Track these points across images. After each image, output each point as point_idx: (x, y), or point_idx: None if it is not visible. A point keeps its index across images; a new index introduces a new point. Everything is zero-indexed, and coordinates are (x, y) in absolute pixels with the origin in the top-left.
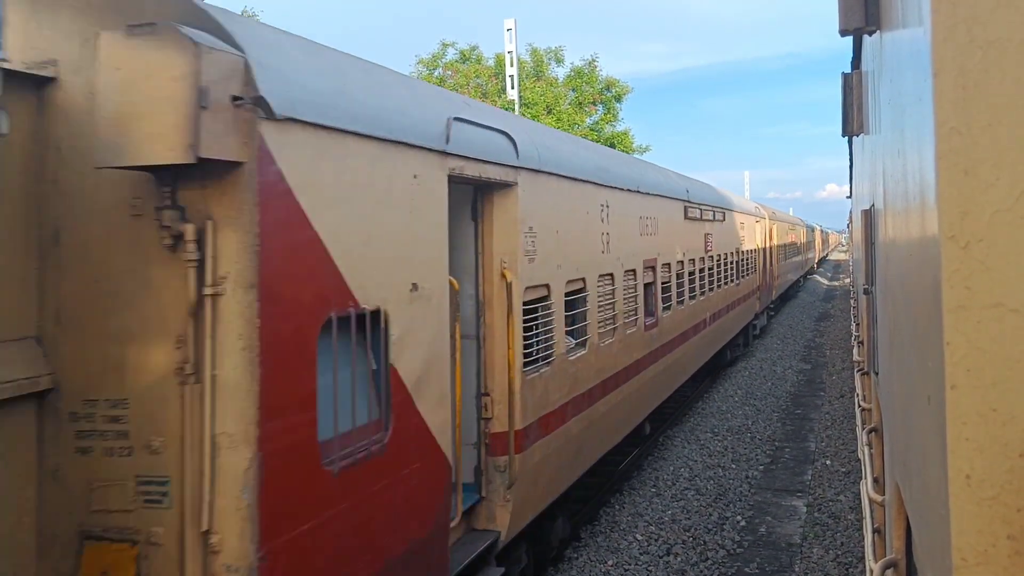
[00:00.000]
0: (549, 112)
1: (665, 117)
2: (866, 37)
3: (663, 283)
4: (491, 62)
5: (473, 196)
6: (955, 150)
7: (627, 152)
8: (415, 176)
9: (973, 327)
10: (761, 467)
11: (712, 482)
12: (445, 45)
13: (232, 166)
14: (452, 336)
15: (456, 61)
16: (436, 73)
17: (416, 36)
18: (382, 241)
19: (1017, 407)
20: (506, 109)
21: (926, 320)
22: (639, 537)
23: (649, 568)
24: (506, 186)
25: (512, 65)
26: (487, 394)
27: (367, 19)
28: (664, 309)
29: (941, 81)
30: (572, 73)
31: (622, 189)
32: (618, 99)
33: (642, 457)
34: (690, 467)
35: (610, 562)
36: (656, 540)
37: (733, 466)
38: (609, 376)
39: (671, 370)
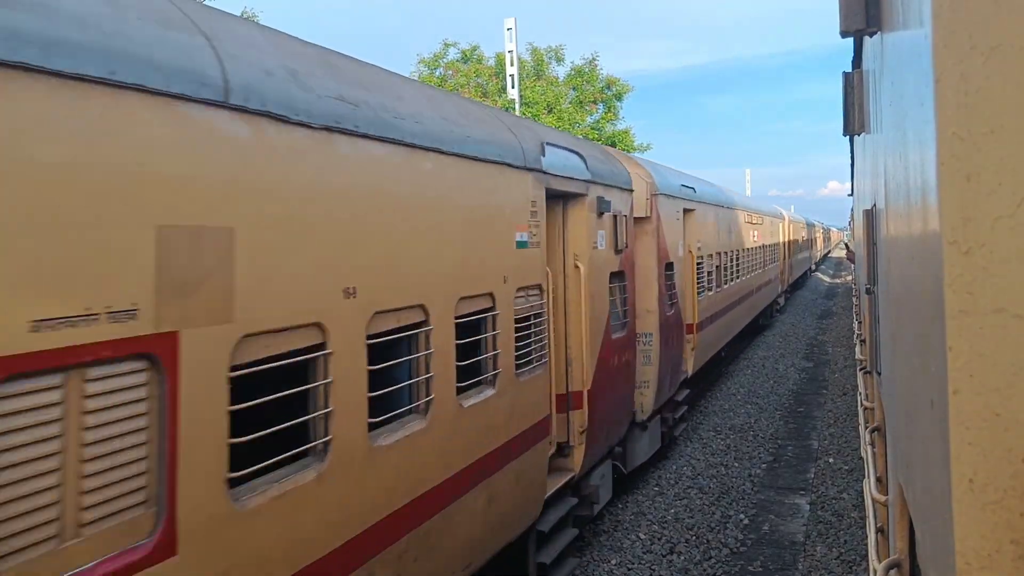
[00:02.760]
0: (550, 111)
1: (666, 115)
2: (867, 37)
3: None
4: (492, 62)
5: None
6: (957, 156)
7: (628, 151)
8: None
9: (975, 332)
10: (764, 465)
11: (715, 480)
12: (447, 45)
13: None
14: None
15: (457, 61)
16: (437, 73)
17: (417, 36)
18: None
19: (1020, 412)
20: (507, 108)
21: (928, 324)
22: (642, 536)
23: (652, 567)
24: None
25: (512, 64)
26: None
27: (373, 20)
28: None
29: (942, 87)
30: (572, 72)
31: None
32: (619, 98)
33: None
34: (693, 465)
35: (613, 561)
36: (659, 539)
37: (736, 464)
38: None
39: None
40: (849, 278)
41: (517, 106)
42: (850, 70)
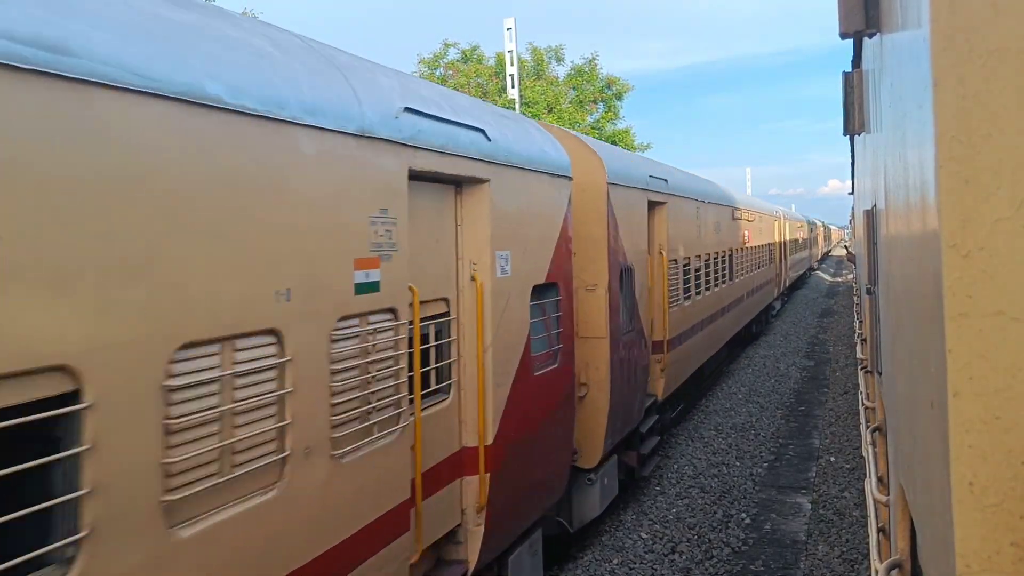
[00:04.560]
0: (550, 111)
1: (666, 114)
2: (866, 38)
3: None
4: (492, 61)
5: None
6: (956, 159)
7: (629, 150)
8: None
9: (975, 335)
10: (765, 464)
11: (716, 480)
12: (447, 45)
13: None
14: None
15: (457, 61)
16: (438, 73)
17: (418, 35)
18: None
19: (1020, 415)
20: (507, 108)
21: (928, 326)
22: (644, 535)
23: (654, 566)
24: None
25: (512, 64)
26: None
27: (372, 19)
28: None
29: (941, 90)
30: (572, 72)
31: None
32: (619, 97)
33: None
34: (694, 465)
35: (615, 560)
36: (661, 538)
37: (737, 464)
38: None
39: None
40: (850, 276)
41: (517, 106)
42: (850, 70)
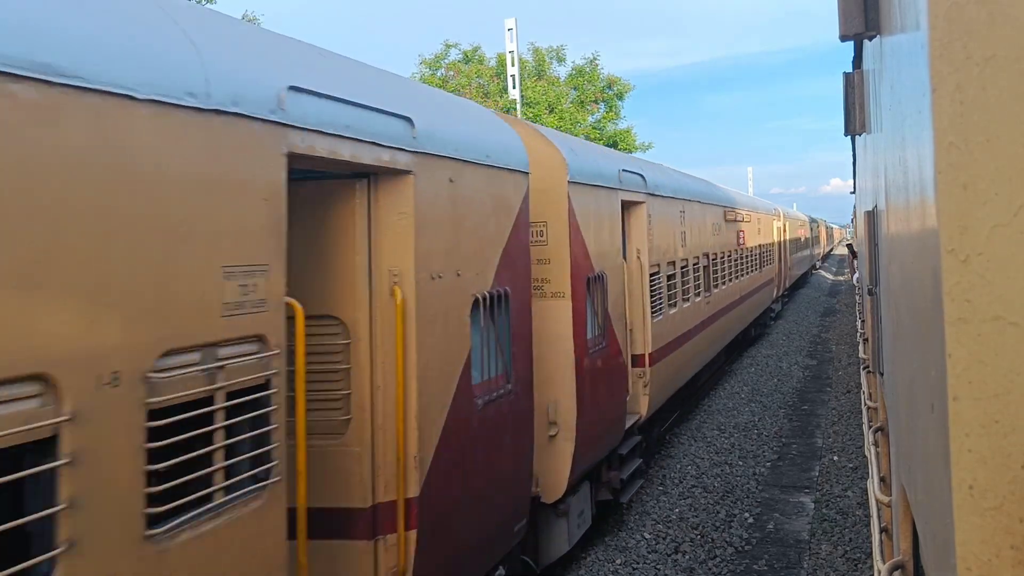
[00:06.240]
0: (551, 111)
1: (667, 114)
2: (866, 40)
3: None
4: (493, 62)
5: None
6: (954, 165)
7: (630, 150)
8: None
9: (974, 339)
10: (768, 464)
11: (719, 479)
12: (448, 46)
13: None
14: None
15: (459, 61)
16: (439, 74)
17: (418, 36)
18: None
19: (1019, 419)
20: (508, 109)
21: (928, 330)
22: (647, 535)
23: (657, 566)
24: None
25: (513, 65)
26: None
27: (373, 19)
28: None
29: (939, 96)
30: (574, 72)
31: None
32: (620, 97)
33: (649, 455)
34: (697, 464)
35: (618, 560)
36: (664, 538)
37: (740, 463)
38: None
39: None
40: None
41: (519, 106)
42: (851, 70)
